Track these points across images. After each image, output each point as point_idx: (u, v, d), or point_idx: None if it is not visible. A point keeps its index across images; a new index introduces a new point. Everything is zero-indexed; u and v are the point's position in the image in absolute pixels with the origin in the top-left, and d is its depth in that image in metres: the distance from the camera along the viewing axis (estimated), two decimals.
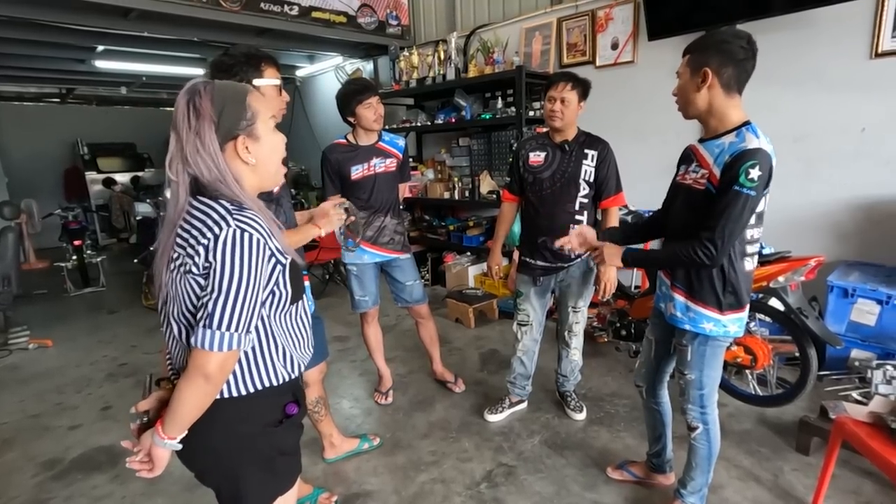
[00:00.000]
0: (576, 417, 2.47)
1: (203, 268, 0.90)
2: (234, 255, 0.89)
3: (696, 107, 1.46)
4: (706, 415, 1.63)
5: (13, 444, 2.50)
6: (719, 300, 1.49)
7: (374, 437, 2.35)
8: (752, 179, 1.31)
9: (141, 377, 3.19)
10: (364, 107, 2.28)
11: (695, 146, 1.55)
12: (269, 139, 1.01)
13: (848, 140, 2.80)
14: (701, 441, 1.66)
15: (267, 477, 1.04)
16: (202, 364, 0.90)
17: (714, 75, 1.40)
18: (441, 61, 4.37)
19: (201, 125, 0.91)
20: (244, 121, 0.96)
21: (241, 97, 0.97)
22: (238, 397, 0.99)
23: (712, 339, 1.54)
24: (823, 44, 2.80)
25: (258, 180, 1.02)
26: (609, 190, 2.19)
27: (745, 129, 1.40)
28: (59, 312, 4.76)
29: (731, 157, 1.35)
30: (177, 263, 0.93)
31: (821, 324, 2.38)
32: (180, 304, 0.95)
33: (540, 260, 2.27)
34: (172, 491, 2.08)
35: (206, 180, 0.93)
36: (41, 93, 8.12)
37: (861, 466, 1.98)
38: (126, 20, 3.92)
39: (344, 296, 4.16)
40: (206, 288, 0.90)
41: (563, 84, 2.10)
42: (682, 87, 1.48)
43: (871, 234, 2.80)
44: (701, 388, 1.60)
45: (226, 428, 1.00)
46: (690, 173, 1.52)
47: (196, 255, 0.90)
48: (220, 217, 0.91)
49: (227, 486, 1.05)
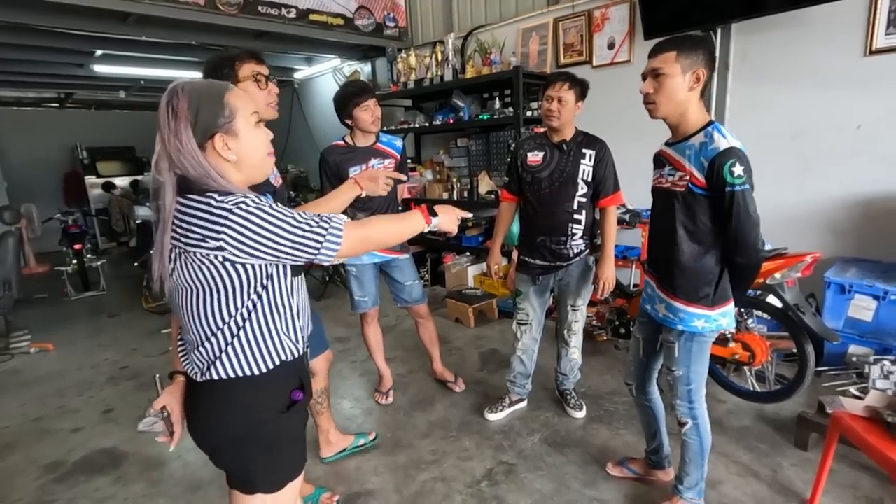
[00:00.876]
0: (575, 415, 2.48)
1: (240, 252, 0.93)
2: (255, 219, 0.92)
3: (678, 107, 1.46)
4: (694, 409, 1.65)
5: (15, 448, 2.51)
6: (708, 297, 1.52)
7: (369, 433, 2.36)
8: (738, 176, 1.36)
9: (143, 380, 3.21)
10: (361, 109, 2.29)
11: (664, 151, 1.59)
12: (249, 135, 1.01)
13: (844, 137, 2.81)
14: (692, 436, 1.68)
15: (276, 463, 1.07)
16: (349, 248, 1.01)
17: (703, 78, 1.43)
18: (438, 62, 4.39)
19: (178, 125, 0.93)
20: (221, 118, 0.97)
21: (217, 95, 0.98)
22: (249, 377, 1.02)
23: (698, 335, 1.56)
24: (818, 42, 2.82)
25: (244, 176, 1.03)
26: (607, 189, 2.20)
27: (711, 129, 1.44)
28: (59, 316, 4.77)
29: (709, 162, 1.39)
30: (185, 262, 0.94)
31: (818, 320, 2.39)
32: (196, 287, 0.97)
33: (539, 259, 2.29)
34: (174, 492, 2.09)
35: (193, 177, 0.94)
36: (40, 97, 8.13)
37: (859, 461, 2.00)
38: (124, 24, 3.93)
39: (344, 297, 4.17)
40: (261, 251, 0.94)
41: (561, 84, 2.11)
42: (670, 87, 1.43)
43: (867, 231, 2.81)
44: (688, 384, 1.62)
45: (237, 413, 1.03)
46: (667, 176, 1.56)
47: (219, 249, 0.92)
48: (217, 206, 0.92)
49: (237, 471, 1.08)
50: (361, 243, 1.05)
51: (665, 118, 1.50)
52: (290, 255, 0.97)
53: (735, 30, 3.09)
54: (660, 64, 1.44)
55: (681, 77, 1.42)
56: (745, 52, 3.10)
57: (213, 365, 1.01)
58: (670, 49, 1.43)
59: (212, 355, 1.01)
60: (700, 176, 1.43)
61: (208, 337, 1.00)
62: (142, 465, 2.29)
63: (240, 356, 1.01)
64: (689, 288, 1.53)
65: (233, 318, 0.99)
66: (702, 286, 1.52)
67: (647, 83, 1.48)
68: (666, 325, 1.62)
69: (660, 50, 1.45)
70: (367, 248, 1.08)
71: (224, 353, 1.00)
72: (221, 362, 1.00)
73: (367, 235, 1.06)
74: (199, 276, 0.95)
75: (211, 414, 1.04)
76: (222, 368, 1.01)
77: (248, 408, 1.03)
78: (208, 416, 1.05)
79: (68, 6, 3.44)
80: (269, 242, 0.93)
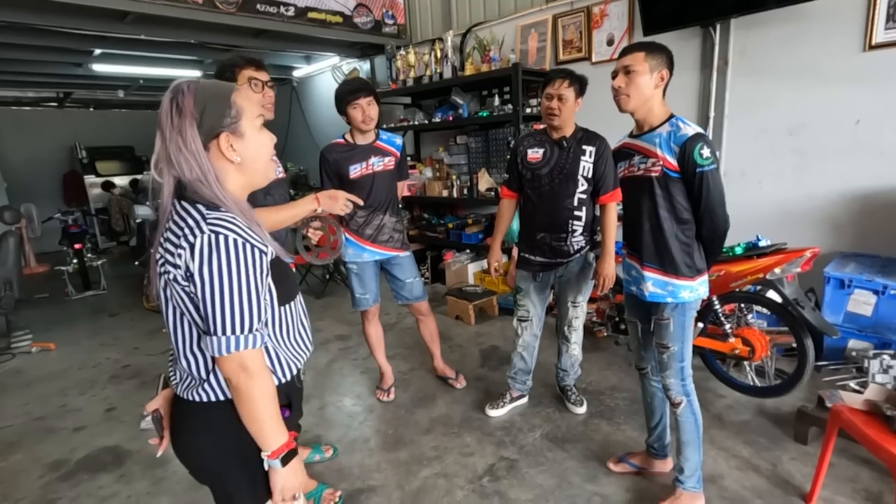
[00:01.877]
0: (576, 411, 2.49)
1: (185, 277, 0.90)
2: (211, 261, 0.87)
3: (646, 102, 1.63)
4: (687, 385, 1.73)
5: (19, 447, 2.52)
6: (689, 268, 1.66)
7: (325, 449, 2.28)
8: (707, 157, 1.54)
9: (144, 378, 3.22)
10: (352, 107, 2.30)
11: (631, 142, 1.75)
12: (255, 138, 0.99)
13: (842, 132, 2.82)
14: (686, 414, 1.74)
15: (256, 478, 1.02)
16: (227, 369, 0.91)
17: (666, 78, 1.63)
18: (437, 60, 4.38)
19: (183, 123, 0.90)
20: (227, 118, 0.94)
21: (224, 95, 0.96)
22: (226, 401, 0.98)
23: (688, 307, 1.69)
24: (817, 37, 2.82)
25: (246, 179, 1.01)
26: (607, 186, 2.20)
27: (675, 120, 1.62)
28: (60, 316, 4.78)
29: (679, 147, 1.56)
30: (161, 268, 0.93)
31: (818, 314, 2.40)
32: (174, 306, 0.95)
33: (539, 256, 2.29)
34: (177, 490, 2.10)
35: (187, 180, 0.91)
36: (39, 97, 8.13)
37: (858, 455, 2.01)
38: (123, 23, 3.93)
39: (344, 295, 4.18)
40: (197, 296, 0.89)
41: (561, 81, 2.12)
42: (640, 83, 1.60)
43: (866, 225, 2.82)
44: (682, 360, 1.71)
45: (216, 430, 1.00)
46: (637, 165, 1.70)
47: (175, 266, 0.89)
48: (195, 223, 0.90)
49: (218, 487, 1.06)
50: (250, 367, 0.92)
51: (633, 111, 1.67)
52: (198, 315, 0.91)
53: (734, 25, 3.09)
54: (631, 62, 1.61)
55: (648, 75, 1.60)
56: (743, 47, 3.10)
57: (197, 388, 0.98)
58: (640, 50, 1.62)
59: (195, 375, 0.98)
60: (673, 160, 1.59)
61: (187, 356, 0.97)
62: (145, 463, 2.30)
63: (221, 384, 0.97)
64: (674, 262, 1.66)
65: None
66: (683, 258, 1.66)
67: (619, 78, 1.65)
68: (656, 302, 1.71)
69: (630, 51, 1.64)
70: (256, 369, 0.93)
71: (206, 380, 0.97)
72: (205, 388, 0.98)
73: (257, 369, 0.93)
74: (173, 292, 0.93)
75: (191, 434, 1.01)
76: (205, 394, 0.98)
77: (228, 428, 0.98)
78: (189, 436, 1.02)
79: (67, 5, 3.43)
80: (206, 289, 0.87)
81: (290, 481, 0.99)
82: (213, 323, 0.89)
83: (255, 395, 0.93)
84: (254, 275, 0.91)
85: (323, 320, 4.10)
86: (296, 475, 1.01)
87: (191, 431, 1.02)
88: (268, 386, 0.95)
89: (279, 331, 1.05)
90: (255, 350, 0.93)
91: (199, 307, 0.91)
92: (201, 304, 0.89)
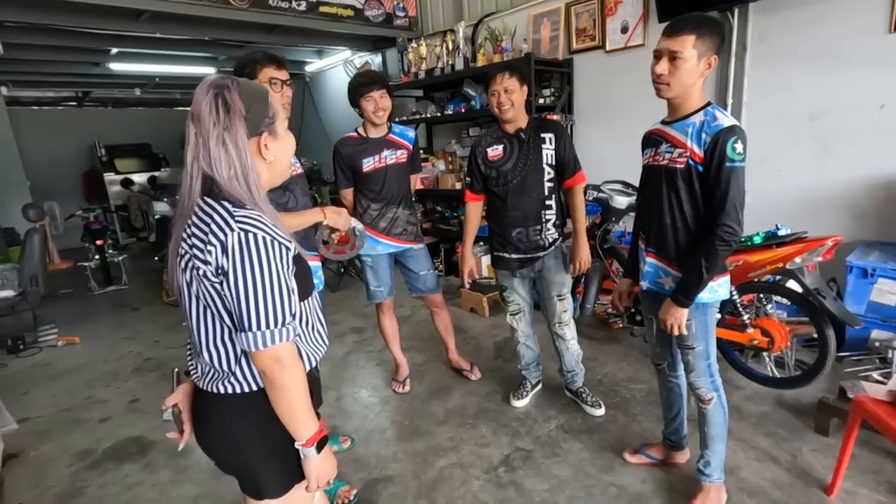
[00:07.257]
0: (595, 413, 2.39)
1: (217, 274, 0.91)
2: (244, 259, 0.89)
3: (686, 90, 1.48)
4: (715, 381, 1.69)
5: (48, 437, 2.60)
6: None
7: (343, 439, 2.31)
8: (739, 153, 1.41)
9: (166, 371, 3.29)
10: (365, 99, 2.31)
11: (661, 129, 1.62)
12: (285, 138, 1.04)
13: (866, 117, 2.74)
14: (717, 409, 1.70)
15: (283, 466, 1.05)
16: (262, 363, 0.93)
17: (713, 65, 1.47)
18: (449, 51, 4.36)
19: (232, 120, 0.92)
20: (267, 118, 0.98)
21: (264, 95, 0.99)
22: (257, 392, 1.00)
23: (709, 307, 1.62)
24: (839, 19, 2.74)
25: (271, 177, 1.04)
26: (571, 169, 2.20)
27: (711, 109, 1.48)
28: (84, 310, 4.90)
29: (712, 137, 1.42)
30: (186, 264, 0.94)
31: (839, 304, 2.35)
32: (199, 300, 0.97)
33: (514, 252, 2.28)
34: (200, 479, 2.15)
35: (221, 176, 0.92)
36: (58, 97, 8.31)
37: (881, 446, 1.97)
38: (138, 22, 3.99)
39: (359, 288, 4.21)
40: (228, 293, 0.91)
41: (501, 75, 2.12)
42: (685, 70, 1.43)
43: (890, 213, 2.74)
44: (708, 358, 1.66)
45: (240, 419, 1.02)
46: (663, 154, 1.58)
47: (206, 263, 0.91)
48: (223, 220, 0.91)
49: (245, 475, 1.08)
50: (285, 359, 0.94)
51: (672, 98, 1.53)
52: (224, 310, 0.94)
53: (753, 9, 3.01)
54: (678, 47, 1.42)
55: (696, 62, 1.44)
56: (763, 32, 3.03)
57: (223, 380, 1.00)
58: (690, 32, 1.41)
59: (218, 368, 1.00)
60: (699, 151, 1.46)
61: (209, 349, 0.99)
62: (168, 452, 2.36)
63: (247, 375, 1.00)
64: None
65: (237, 344, 0.97)
66: None
67: (661, 63, 1.47)
68: None
69: (679, 31, 1.43)
70: (289, 362, 0.95)
71: (233, 373, 0.99)
72: (230, 381, 1.00)
73: (290, 362, 0.95)
74: (198, 287, 0.95)
75: (218, 425, 1.03)
76: (230, 386, 1.00)
77: (254, 418, 1.01)
78: (214, 428, 1.04)
79: (83, 5, 3.50)
80: (239, 286, 0.89)
81: (324, 468, 1.03)
82: (247, 319, 0.91)
83: (289, 387, 0.95)
84: (283, 270, 0.94)
85: (339, 313, 4.14)
86: (330, 462, 1.04)
87: (217, 423, 1.04)
88: (301, 377, 0.97)
89: (302, 325, 1.06)
90: (289, 343, 0.95)
91: (226, 303, 0.93)
92: (234, 301, 0.91)
